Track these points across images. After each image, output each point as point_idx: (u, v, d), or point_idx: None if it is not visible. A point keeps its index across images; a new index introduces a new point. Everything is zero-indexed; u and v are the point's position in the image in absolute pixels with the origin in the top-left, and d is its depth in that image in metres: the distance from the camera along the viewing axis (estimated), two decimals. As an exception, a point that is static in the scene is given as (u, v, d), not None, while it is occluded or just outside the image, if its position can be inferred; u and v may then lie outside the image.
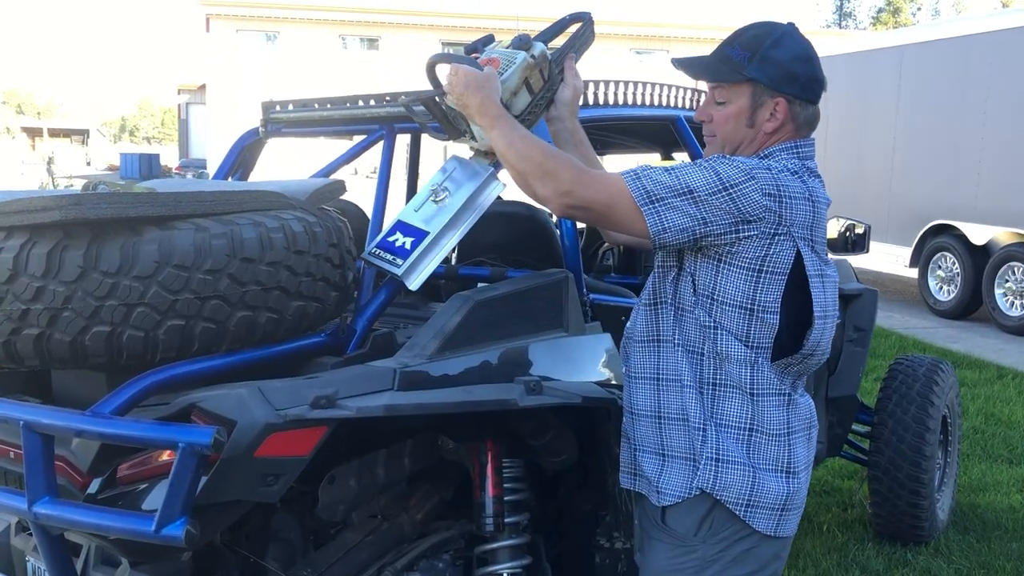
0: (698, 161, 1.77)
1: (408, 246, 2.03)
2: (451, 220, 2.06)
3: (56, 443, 1.73)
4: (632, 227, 1.74)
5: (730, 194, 1.69)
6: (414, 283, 2.03)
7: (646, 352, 1.89)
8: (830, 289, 1.83)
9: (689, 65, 1.90)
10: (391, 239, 2.07)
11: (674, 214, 1.70)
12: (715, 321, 1.77)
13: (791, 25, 1.88)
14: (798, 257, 1.75)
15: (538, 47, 2.05)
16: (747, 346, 1.77)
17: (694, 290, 1.79)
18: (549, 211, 1.88)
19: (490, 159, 2.16)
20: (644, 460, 1.89)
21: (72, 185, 25.33)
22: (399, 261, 2.03)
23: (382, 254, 2.06)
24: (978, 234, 9.39)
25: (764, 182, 1.71)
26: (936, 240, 9.96)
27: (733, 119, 1.84)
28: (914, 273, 10.34)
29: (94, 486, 1.78)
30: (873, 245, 4.13)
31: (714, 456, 1.79)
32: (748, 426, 1.79)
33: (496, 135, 1.87)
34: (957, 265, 9.65)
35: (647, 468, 1.88)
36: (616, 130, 3.46)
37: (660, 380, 1.86)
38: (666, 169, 1.74)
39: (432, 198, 2.10)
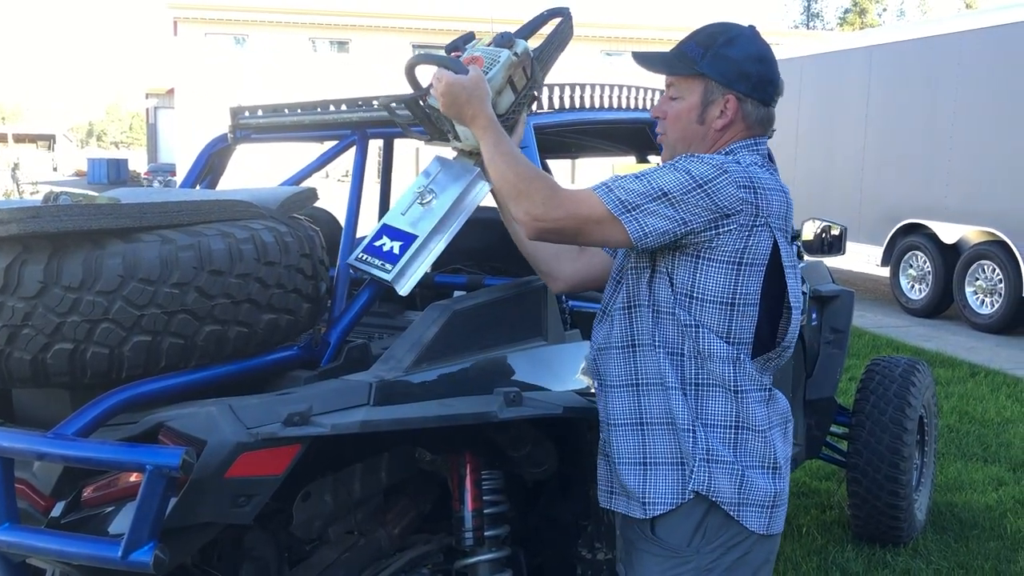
0: (666, 164, 1.76)
1: (396, 250, 1.98)
2: (439, 222, 2.02)
3: (17, 465, 1.67)
4: (611, 239, 1.74)
5: (705, 190, 1.70)
6: (404, 288, 1.98)
7: (622, 358, 1.85)
8: (799, 280, 1.86)
9: (646, 59, 1.91)
10: (378, 244, 2.02)
11: (652, 219, 1.70)
12: (695, 320, 1.76)
13: (751, 27, 1.89)
14: (774, 248, 1.77)
15: (521, 44, 2.03)
16: (728, 343, 1.77)
17: (672, 289, 1.77)
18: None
19: (475, 159, 2.12)
20: (624, 473, 1.83)
21: (37, 192, 24.97)
22: (388, 266, 1.98)
23: (370, 259, 2.01)
24: (948, 233, 9.48)
25: (737, 175, 1.72)
26: (907, 239, 10.05)
27: (685, 115, 1.85)
28: (886, 272, 10.43)
29: (57, 509, 1.72)
30: (845, 245, 4.13)
31: (704, 457, 1.76)
32: (734, 424, 1.78)
33: (483, 148, 1.87)
34: (928, 264, 9.75)
35: (629, 481, 1.82)
36: (592, 134, 3.43)
37: (640, 385, 1.82)
38: (636, 176, 1.74)
39: (418, 201, 2.05)
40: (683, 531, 1.78)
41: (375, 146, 2.78)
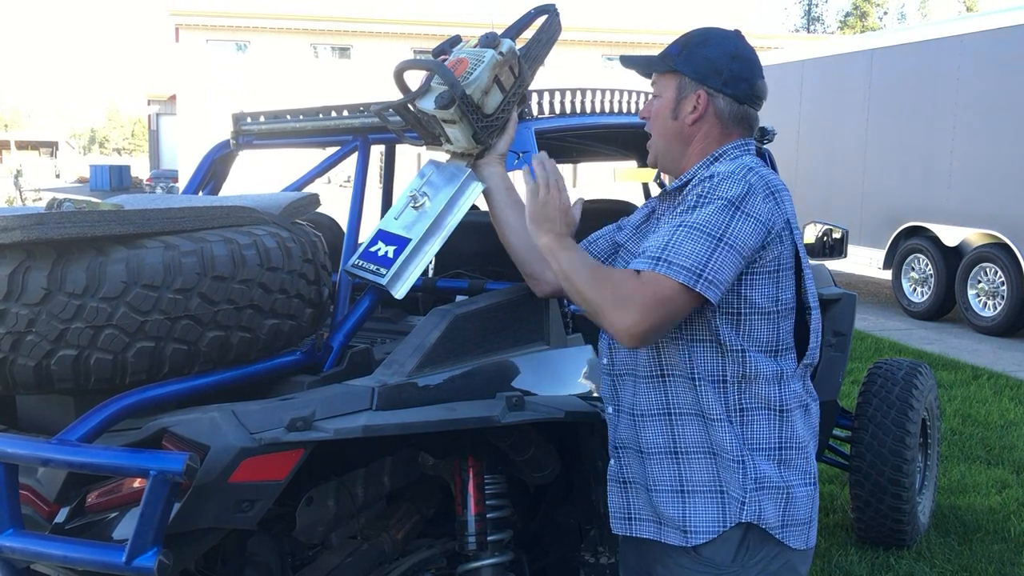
0: (694, 206, 1.71)
1: (391, 255, 1.99)
2: (432, 225, 2.02)
3: (21, 471, 1.67)
4: (692, 306, 1.67)
5: (743, 211, 1.67)
6: (399, 292, 1.99)
7: (651, 387, 1.80)
8: (812, 279, 1.84)
9: (628, 60, 1.92)
10: (373, 249, 2.03)
11: (721, 273, 1.64)
12: (742, 343, 1.73)
13: (735, 31, 1.89)
14: (795, 250, 1.77)
15: (506, 43, 2.04)
16: (775, 358, 1.75)
17: (716, 313, 1.72)
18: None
19: (467, 160, 2.13)
20: (661, 500, 1.78)
21: (40, 199, 25.00)
22: (383, 271, 1.99)
23: (365, 265, 2.02)
24: (950, 235, 9.48)
25: (758, 186, 1.71)
26: (909, 242, 10.04)
27: (662, 111, 1.86)
28: (888, 275, 10.43)
29: (61, 515, 1.72)
30: (847, 248, 4.14)
31: (755, 486, 1.73)
32: (778, 444, 1.76)
33: (560, 261, 1.78)
34: (930, 267, 9.74)
35: (667, 509, 1.77)
36: (594, 138, 3.44)
37: (672, 415, 1.78)
38: (680, 229, 1.67)
39: (411, 204, 2.06)
40: (725, 551, 1.75)
41: (376, 152, 2.79)
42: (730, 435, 1.73)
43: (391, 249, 2.00)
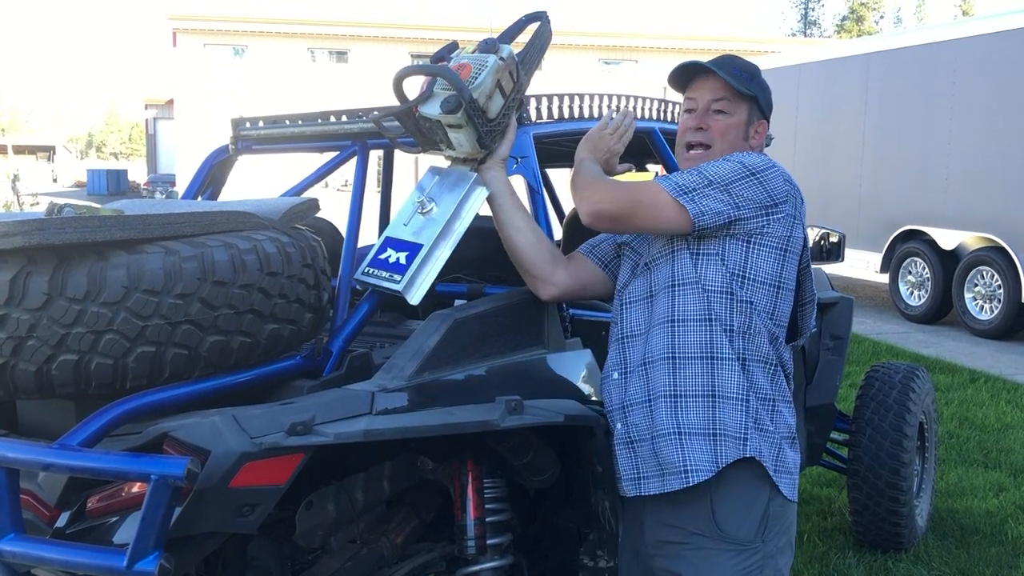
0: (719, 159, 1.96)
1: (403, 260, 2.00)
2: (442, 230, 2.04)
3: (22, 476, 1.67)
4: (667, 219, 1.90)
5: (758, 178, 1.90)
6: (415, 297, 2.00)
7: (662, 333, 1.95)
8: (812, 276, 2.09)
9: (718, 64, 2.05)
10: (382, 256, 2.03)
11: (708, 200, 1.87)
12: (749, 297, 1.92)
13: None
14: (804, 242, 1.99)
15: (505, 49, 2.06)
16: (773, 322, 1.95)
17: (725, 269, 1.91)
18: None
19: (470, 165, 2.14)
20: (662, 446, 1.91)
21: (38, 203, 24.97)
22: (396, 277, 1.99)
23: (377, 272, 2.02)
24: (947, 239, 9.50)
25: (782, 171, 1.94)
26: (906, 246, 10.06)
27: (734, 129, 2.04)
28: (885, 279, 10.44)
29: (62, 520, 1.72)
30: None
31: (755, 426, 1.90)
32: (772, 396, 1.94)
33: (578, 169, 2.08)
34: (927, 270, 9.76)
35: (668, 453, 1.91)
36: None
37: (676, 359, 1.92)
38: (691, 170, 1.94)
39: (419, 211, 2.07)
40: (750, 525, 1.90)
41: (375, 156, 2.80)
42: (737, 375, 1.90)
43: (402, 255, 2.00)
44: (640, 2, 28.82)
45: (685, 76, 2.11)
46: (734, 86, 2.02)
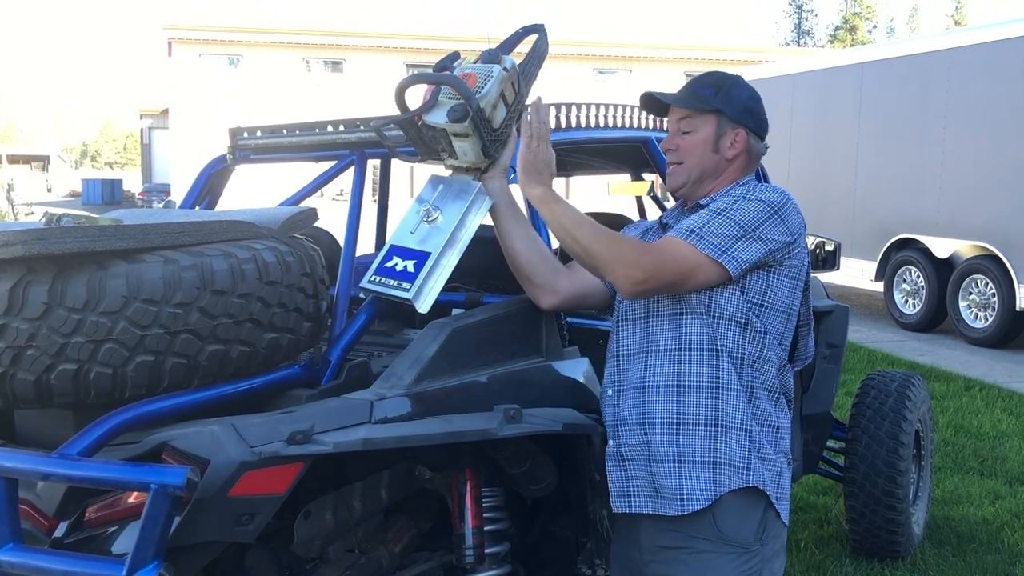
0: (736, 199, 1.96)
1: (411, 268, 2.00)
2: (449, 238, 2.04)
3: (20, 485, 1.67)
4: (709, 280, 1.90)
5: (780, 216, 1.93)
6: (424, 305, 2.00)
7: (666, 360, 1.95)
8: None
9: (666, 97, 2.11)
10: (389, 264, 2.03)
11: (744, 253, 1.89)
12: (764, 325, 1.94)
13: (739, 76, 2.16)
14: (808, 268, 2.04)
15: (508, 60, 2.08)
16: (782, 347, 1.98)
17: (744, 298, 1.93)
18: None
19: (473, 175, 2.14)
20: (659, 471, 1.93)
21: (32, 212, 24.93)
22: (405, 285, 1.99)
23: (384, 280, 2.01)
24: (941, 247, 9.54)
25: (794, 202, 1.97)
26: (900, 254, 10.10)
27: (700, 145, 2.06)
28: (879, 287, 10.48)
29: (61, 529, 1.72)
30: (840, 260, 4.16)
31: (758, 455, 1.92)
32: (775, 424, 1.97)
33: (550, 217, 2.02)
34: (922, 278, 9.79)
35: (664, 478, 1.92)
36: (588, 152, 3.46)
37: (681, 387, 1.93)
38: (716, 215, 1.92)
39: (424, 219, 2.08)
40: (749, 528, 1.93)
41: (371, 166, 2.80)
42: (742, 406, 1.92)
43: (410, 263, 2.00)
44: (634, 13, 28.93)
45: (656, 107, 2.19)
46: (695, 105, 2.06)
